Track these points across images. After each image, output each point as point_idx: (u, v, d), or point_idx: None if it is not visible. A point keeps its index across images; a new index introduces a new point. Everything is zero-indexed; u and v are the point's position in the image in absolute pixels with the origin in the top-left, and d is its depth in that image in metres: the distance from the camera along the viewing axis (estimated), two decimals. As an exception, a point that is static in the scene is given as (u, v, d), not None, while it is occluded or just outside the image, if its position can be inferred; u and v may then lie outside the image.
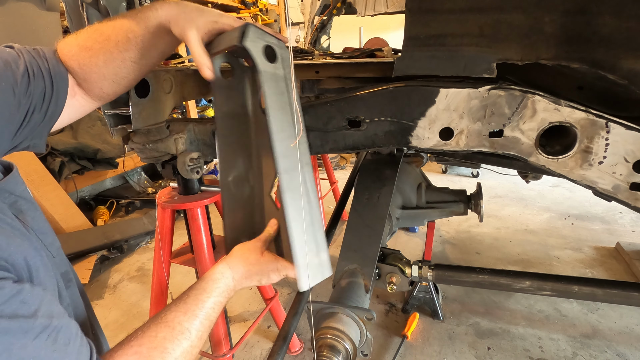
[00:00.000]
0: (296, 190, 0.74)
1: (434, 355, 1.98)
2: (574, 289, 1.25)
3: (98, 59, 0.71)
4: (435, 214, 1.89)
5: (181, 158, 1.15)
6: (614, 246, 2.92)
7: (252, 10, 4.91)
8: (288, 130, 0.73)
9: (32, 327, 0.45)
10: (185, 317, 0.66)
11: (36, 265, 0.54)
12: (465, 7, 0.86)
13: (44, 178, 2.96)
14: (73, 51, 0.71)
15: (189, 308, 0.68)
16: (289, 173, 0.73)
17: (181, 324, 0.65)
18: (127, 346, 0.59)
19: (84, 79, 0.73)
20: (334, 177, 3.48)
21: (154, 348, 0.60)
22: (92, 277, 2.76)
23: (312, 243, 0.75)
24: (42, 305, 0.48)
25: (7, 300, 0.44)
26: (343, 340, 1.01)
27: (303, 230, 0.73)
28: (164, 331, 0.63)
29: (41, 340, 0.46)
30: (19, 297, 0.45)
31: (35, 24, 2.67)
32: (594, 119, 0.82)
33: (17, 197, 0.60)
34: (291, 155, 0.73)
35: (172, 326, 0.64)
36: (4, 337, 0.42)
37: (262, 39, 0.71)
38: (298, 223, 0.73)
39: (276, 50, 0.73)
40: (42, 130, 0.70)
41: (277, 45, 0.74)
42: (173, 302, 0.70)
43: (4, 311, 0.43)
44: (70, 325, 0.51)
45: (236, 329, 2.21)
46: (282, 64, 0.74)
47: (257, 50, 0.71)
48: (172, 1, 0.73)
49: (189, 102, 4.19)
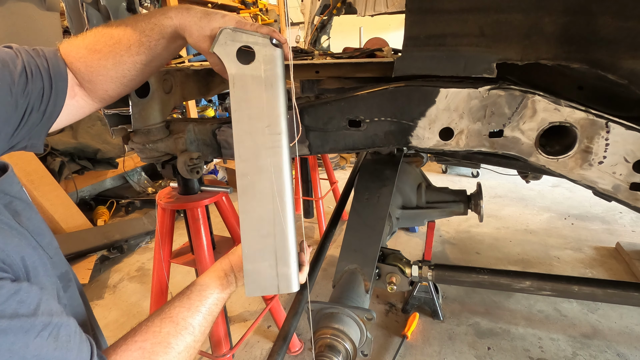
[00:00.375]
0: (252, 196, 0.72)
1: (434, 355, 1.98)
2: (574, 289, 1.25)
3: (107, 62, 0.72)
4: (435, 214, 1.89)
5: (181, 158, 1.15)
6: (614, 246, 2.92)
7: (252, 10, 4.90)
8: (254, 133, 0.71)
9: (33, 326, 0.45)
10: (189, 312, 0.67)
11: (34, 265, 0.54)
12: (465, 7, 0.86)
13: (44, 178, 2.96)
14: (81, 53, 0.71)
15: (193, 303, 0.69)
16: (247, 177, 0.72)
17: (185, 319, 0.66)
18: (130, 341, 0.60)
19: (89, 80, 0.73)
20: (334, 177, 3.48)
21: (158, 343, 0.61)
22: (92, 277, 2.76)
23: (270, 254, 0.73)
24: (41, 303, 0.48)
25: (7, 300, 0.44)
26: (343, 340, 1.01)
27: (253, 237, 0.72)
28: (168, 326, 0.64)
29: (42, 338, 0.46)
30: (17, 297, 0.45)
31: (35, 24, 2.67)
32: (594, 119, 0.82)
33: (12, 197, 0.60)
34: (250, 159, 0.72)
35: (176, 321, 0.65)
36: (5, 337, 0.42)
37: (237, 40, 0.70)
38: (249, 229, 0.72)
39: (255, 49, 0.70)
40: (40, 131, 0.70)
41: (259, 44, 0.70)
42: (176, 297, 0.71)
43: (4, 311, 0.43)
44: (69, 323, 0.51)
45: (236, 329, 2.21)
46: (263, 64, 0.70)
47: (229, 54, 0.70)
48: (182, 7, 0.74)
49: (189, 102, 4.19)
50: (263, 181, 0.72)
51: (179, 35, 0.74)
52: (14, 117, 0.63)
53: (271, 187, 0.72)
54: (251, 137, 0.72)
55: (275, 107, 0.71)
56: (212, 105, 4.98)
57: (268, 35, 0.71)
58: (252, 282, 0.74)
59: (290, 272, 0.75)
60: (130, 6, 1.04)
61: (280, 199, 0.73)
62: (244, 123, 0.71)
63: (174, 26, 0.73)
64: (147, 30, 0.72)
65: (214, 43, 0.70)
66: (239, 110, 0.71)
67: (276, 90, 0.71)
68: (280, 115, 0.72)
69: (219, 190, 1.46)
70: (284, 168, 0.73)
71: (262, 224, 0.73)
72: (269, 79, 0.71)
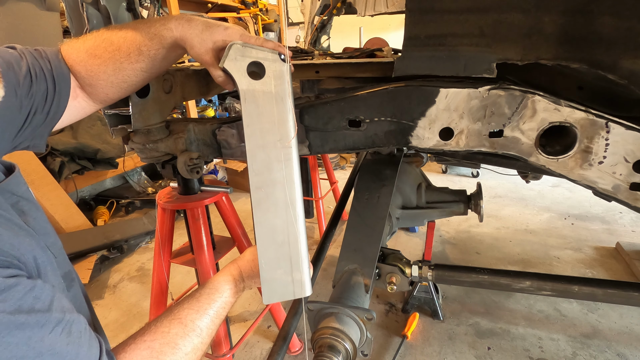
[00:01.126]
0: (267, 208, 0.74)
1: (434, 355, 1.98)
2: (574, 289, 1.25)
3: (107, 67, 0.72)
4: (435, 214, 1.89)
5: (181, 158, 1.15)
6: (614, 246, 2.91)
7: (252, 10, 4.90)
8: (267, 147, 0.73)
9: (48, 321, 0.47)
10: (198, 314, 0.69)
11: (44, 264, 0.55)
12: (465, 7, 0.85)
13: (44, 178, 2.96)
14: (81, 57, 0.72)
15: (202, 306, 0.71)
16: (261, 190, 0.73)
17: (193, 321, 0.67)
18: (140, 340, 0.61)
19: (89, 84, 0.74)
20: (334, 177, 3.48)
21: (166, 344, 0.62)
22: (92, 277, 2.76)
23: (285, 261, 0.76)
24: (54, 300, 0.50)
25: (24, 295, 0.46)
26: (343, 340, 1.01)
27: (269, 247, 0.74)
28: (177, 327, 0.65)
29: (57, 333, 0.47)
30: (33, 293, 0.47)
31: (35, 24, 2.67)
32: (594, 119, 0.82)
33: (19, 197, 0.61)
34: (263, 173, 0.74)
35: (185, 323, 0.66)
36: (23, 332, 0.44)
37: (247, 56, 0.70)
38: (265, 240, 0.74)
39: (265, 65, 0.72)
40: (43, 131, 0.70)
41: (269, 60, 0.72)
42: (185, 298, 0.72)
43: (22, 306, 0.45)
44: (80, 320, 0.53)
45: (236, 329, 2.21)
46: (274, 79, 0.72)
47: (239, 69, 0.70)
48: (183, 18, 0.74)
49: (189, 102, 4.19)
50: (277, 193, 0.74)
51: (179, 45, 0.74)
52: (18, 118, 0.63)
53: (284, 197, 0.75)
54: (264, 151, 0.73)
55: (286, 121, 0.73)
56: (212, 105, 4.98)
57: (276, 51, 0.72)
58: (269, 290, 0.76)
59: (304, 277, 0.77)
60: (130, 6, 1.04)
61: (292, 208, 0.76)
62: (257, 138, 0.73)
63: (174, 38, 0.73)
64: (146, 40, 0.72)
65: (223, 58, 0.70)
66: (251, 125, 0.72)
67: (286, 104, 0.73)
68: (291, 128, 0.74)
69: (219, 190, 1.46)
70: (295, 179, 0.75)
71: (277, 234, 0.75)
72: (279, 94, 0.73)
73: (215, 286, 0.76)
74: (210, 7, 4.42)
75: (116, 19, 1.01)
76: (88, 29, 0.97)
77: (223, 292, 0.76)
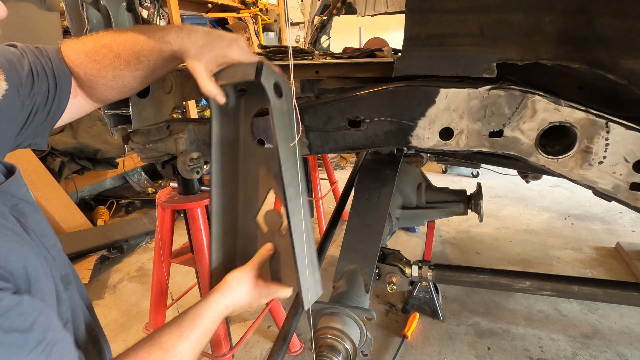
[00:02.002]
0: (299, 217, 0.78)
1: (434, 355, 1.98)
2: (574, 289, 1.25)
3: (107, 73, 0.72)
4: (435, 214, 1.90)
5: (181, 158, 1.15)
6: (614, 246, 2.92)
7: (252, 10, 4.90)
8: (291, 160, 0.78)
9: (26, 342, 0.45)
10: (179, 340, 0.67)
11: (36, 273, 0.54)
12: (465, 7, 0.85)
13: (43, 178, 2.96)
14: (80, 59, 0.71)
15: (183, 332, 0.69)
16: (294, 200, 0.77)
17: (175, 347, 0.66)
18: None
19: (88, 86, 0.74)
20: (334, 177, 3.48)
21: None
22: (92, 277, 2.76)
23: (310, 265, 0.80)
24: (39, 318, 0.48)
25: (5, 312, 0.44)
26: (343, 340, 1.01)
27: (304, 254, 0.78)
28: (157, 353, 0.64)
29: (35, 354, 0.46)
30: (17, 309, 0.45)
31: (35, 24, 2.67)
32: (594, 119, 0.82)
33: (18, 199, 0.60)
34: (295, 184, 0.78)
35: (166, 348, 0.65)
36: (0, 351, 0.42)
37: (273, 77, 0.76)
38: (301, 247, 0.77)
39: (282, 86, 0.78)
40: (44, 129, 0.70)
41: (283, 82, 0.79)
42: (167, 324, 0.71)
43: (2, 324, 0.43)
44: (64, 339, 0.52)
45: (236, 329, 2.21)
46: (286, 99, 0.79)
47: (270, 87, 0.74)
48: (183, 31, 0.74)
49: (189, 102, 4.19)
50: (301, 199, 0.79)
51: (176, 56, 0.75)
52: (20, 117, 0.63)
53: (304, 203, 0.80)
54: (292, 162, 0.78)
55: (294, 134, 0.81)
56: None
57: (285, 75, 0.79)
58: (306, 295, 0.79)
59: (319, 276, 0.83)
60: (130, 6, 1.04)
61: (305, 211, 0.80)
62: (289, 152, 0.77)
63: (173, 51, 0.74)
64: (145, 50, 0.72)
65: (259, 75, 0.72)
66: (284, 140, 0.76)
67: (293, 120, 0.81)
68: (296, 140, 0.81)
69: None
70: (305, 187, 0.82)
71: (304, 239, 0.79)
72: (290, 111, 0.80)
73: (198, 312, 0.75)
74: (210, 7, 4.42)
75: (116, 19, 1.01)
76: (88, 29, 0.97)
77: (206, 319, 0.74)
